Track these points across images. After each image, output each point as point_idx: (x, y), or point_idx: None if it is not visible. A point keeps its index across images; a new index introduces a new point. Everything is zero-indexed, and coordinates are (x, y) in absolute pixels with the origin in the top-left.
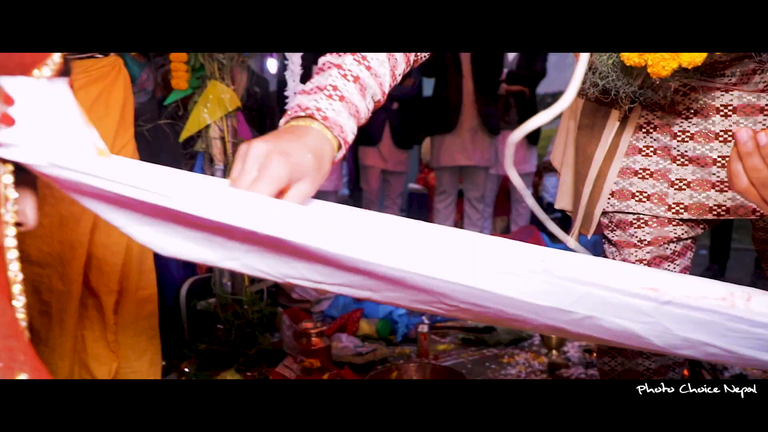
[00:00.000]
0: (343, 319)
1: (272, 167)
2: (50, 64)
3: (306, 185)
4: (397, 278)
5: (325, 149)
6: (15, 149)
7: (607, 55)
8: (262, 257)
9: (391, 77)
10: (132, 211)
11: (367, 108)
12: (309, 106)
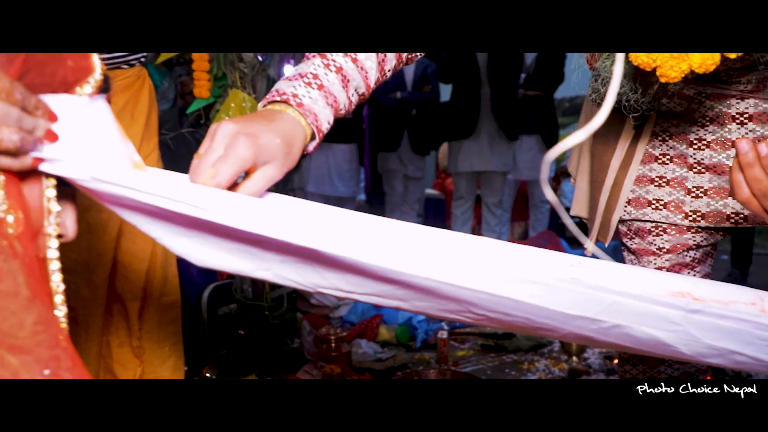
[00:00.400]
0: (363, 325)
1: (238, 147)
2: (91, 81)
3: (272, 169)
4: (427, 287)
5: (296, 135)
6: (59, 164)
7: (611, 60)
8: (295, 267)
9: (379, 72)
10: (169, 223)
11: (349, 99)
12: (286, 91)
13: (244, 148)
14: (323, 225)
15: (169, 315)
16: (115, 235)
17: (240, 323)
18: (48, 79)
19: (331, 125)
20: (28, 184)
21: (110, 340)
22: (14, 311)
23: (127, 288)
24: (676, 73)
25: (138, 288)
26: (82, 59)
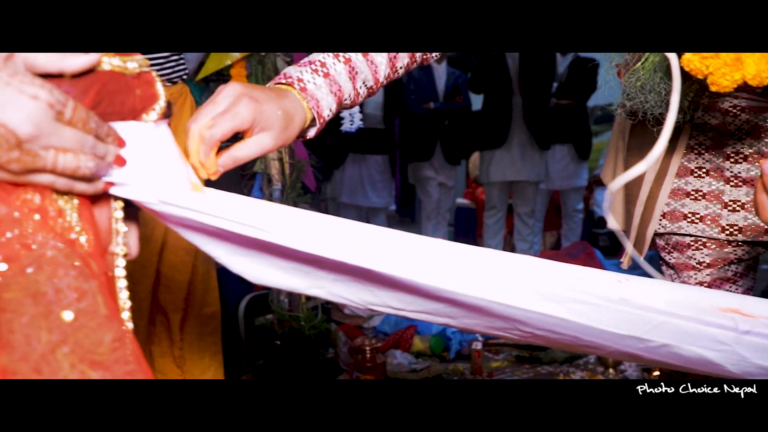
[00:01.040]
0: (397, 335)
1: (240, 106)
2: (157, 108)
3: (267, 138)
4: (477, 306)
5: (297, 114)
6: (128, 188)
7: (651, 67)
8: (348, 286)
9: (390, 68)
10: (228, 243)
11: (356, 91)
12: (292, 75)
13: (245, 109)
14: (378, 246)
15: (209, 326)
16: (158, 249)
17: (276, 333)
18: (118, 107)
19: (334, 113)
20: (98, 207)
21: (152, 350)
22: (94, 329)
23: (170, 299)
24: (728, 83)
25: (180, 299)
26: (148, 87)
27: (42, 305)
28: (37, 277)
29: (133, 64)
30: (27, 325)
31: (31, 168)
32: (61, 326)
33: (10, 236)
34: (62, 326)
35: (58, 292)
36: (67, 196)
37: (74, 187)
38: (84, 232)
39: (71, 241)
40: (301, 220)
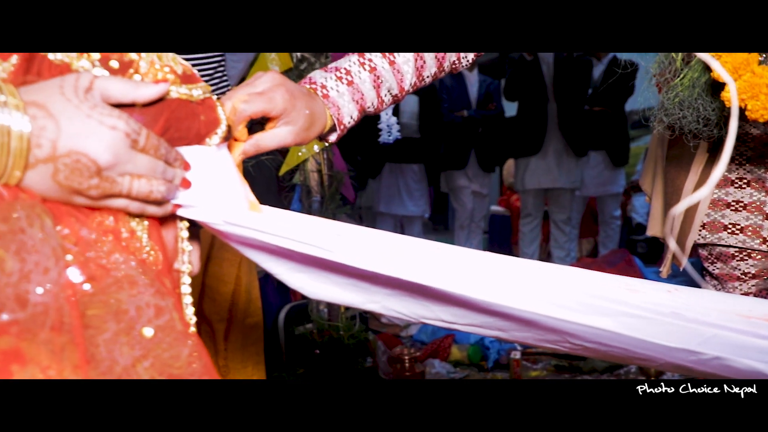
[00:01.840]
0: (435, 344)
1: (276, 92)
2: (219, 132)
3: (289, 132)
4: (528, 320)
5: (320, 118)
6: (194, 210)
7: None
8: (402, 300)
9: (416, 77)
10: (287, 260)
11: (380, 99)
12: (317, 81)
13: (280, 97)
14: (431, 261)
15: (252, 336)
16: (203, 260)
17: (316, 343)
18: (184, 133)
19: (357, 121)
20: (165, 228)
21: None
22: (171, 344)
23: (214, 310)
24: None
25: (224, 310)
26: (211, 113)
27: (123, 322)
28: (118, 296)
29: (198, 91)
30: (109, 340)
31: (108, 193)
32: (142, 341)
33: (89, 256)
34: (143, 341)
35: (139, 310)
36: (139, 218)
37: (146, 209)
38: (153, 252)
39: (144, 261)
40: (356, 237)
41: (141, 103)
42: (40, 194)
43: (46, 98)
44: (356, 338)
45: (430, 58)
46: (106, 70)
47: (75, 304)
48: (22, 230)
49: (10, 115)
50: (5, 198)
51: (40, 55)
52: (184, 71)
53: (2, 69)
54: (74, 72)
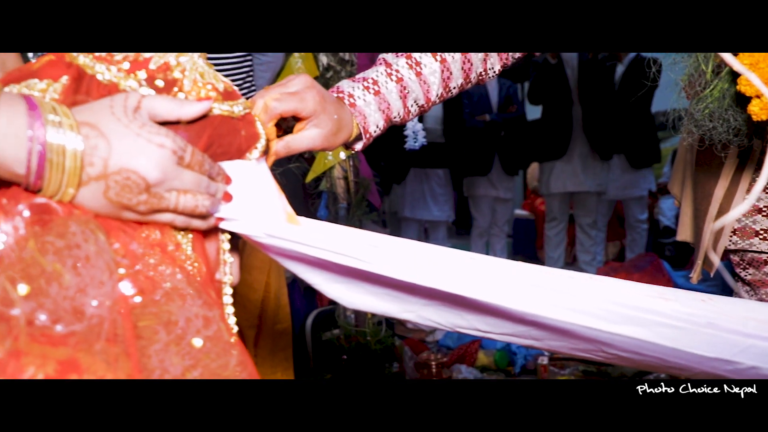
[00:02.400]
0: (462, 350)
1: (308, 94)
2: (259, 147)
3: (317, 135)
4: (562, 329)
5: (347, 125)
6: (236, 223)
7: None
8: (437, 310)
9: (443, 88)
10: (325, 271)
11: (407, 109)
12: (344, 90)
13: (312, 99)
14: (467, 272)
15: (281, 342)
16: None
17: (343, 349)
18: (226, 148)
19: (382, 130)
20: (207, 240)
21: None
22: (219, 354)
23: (244, 317)
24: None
25: (254, 317)
26: (251, 127)
27: (173, 333)
28: (168, 307)
29: (239, 108)
30: (160, 350)
31: (156, 208)
32: (191, 352)
33: (138, 269)
34: (192, 352)
35: (188, 321)
36: (184, 231)
37: (191, 223)
38: (197, 264)
39: (188, 272)
40: (393, 248)
41: (186, 120)
42: (91, 210)
43: (97, 118)
44: (383, 344)
45: (456, 69)
46: (152, 89)
47: (127, 315)
48: (77, 245)
49: (65, 135)
50: (60, 214)
51: (89, 75)
52: (225, 88)
53: (53, 89)
54: (122, 91)
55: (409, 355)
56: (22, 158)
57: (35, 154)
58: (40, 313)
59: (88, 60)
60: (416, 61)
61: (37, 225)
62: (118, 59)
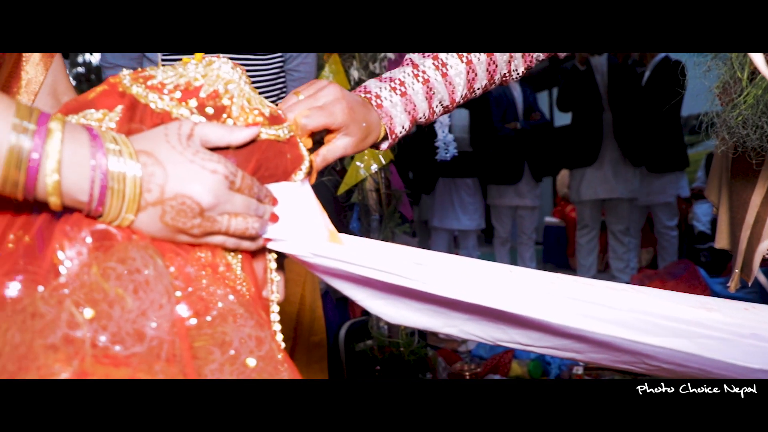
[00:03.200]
0: (495, 360)
1: (336, 107)
2: (303, 168)
3: (347, 142)
4: (604, 341)
5: (375, 128)
6: (283, 243)
7: (736, 112)
8: (479, 324)
9: (467, 89)
10: (369, 288)
11: (432, 110)
12: (371, 90)
13: (341, 112)
14: (509, 286)
15: (316, 354)
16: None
17: (376, 359)
18: (273, 171)
19: (408, 131)
20: (255, 260)
21: None
22: (272, 372)
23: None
24: None
25: (289, 329)
26: (295, 150)
27: (228, 353)
28: (222, 328)
29: (284, 131)
30: (216, 370)
31: (209, 231)
32: (245, 371)
33: (191, 291)
34: (246, 371)
35: (242, 341)
36: (234, 252)
37: (241, 244)
38: (246, 283)
39: (238, 291)
40: (436, 264)
41: (235, 145)
42: (148, 234)
43: (153, 146)
44: (416, 354)
45: (481, 71)
46: (203, 116)
47: (184, 336)
48: (138, 270)
49: (125, 163)
50: (119, 240)
51: (142, 104)
52: (271, 113)
53: (109, 118)
54: (174, 119)
55: (442, 366)
56: (85, 186)
57: (97, 182)
58: (100, 335)
59: (140, 89)
60: (442, 62)
61: (98, 251)
62: (170, 89)
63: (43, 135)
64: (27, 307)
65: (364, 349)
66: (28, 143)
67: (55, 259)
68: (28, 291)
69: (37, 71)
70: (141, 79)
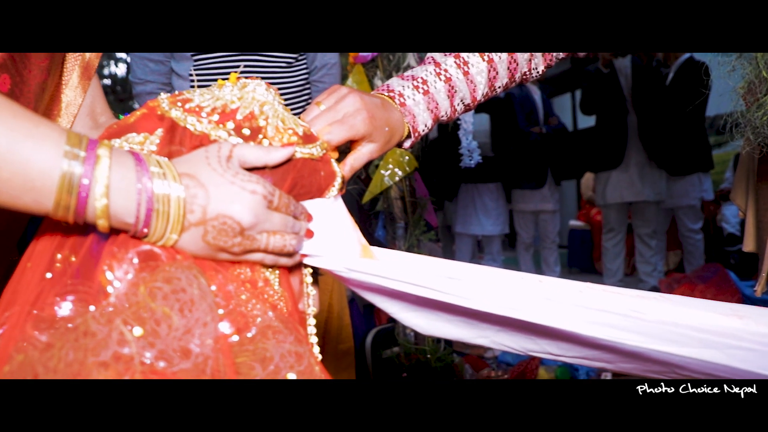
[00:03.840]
0: (522, 366)
1: (357, 119)
2: (336, 185)
3: (372, 148)
4: (635, 352)
5: (398, 129)
6: (319, 259)
7: (762, 112)
8: (511, 335)
9: (488, 87)
10: (402, 301)
11: (453, 108)
12: (394, 89)
13: (362, 123)
14: (540, 298)
15: (344, 361)
16: None
17: (403, 366)
18: (308, 188)
19: (430, 129)
20: (292, 275)
21: None
22: None
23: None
24: None
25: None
26: (328, 167)
27: (269, 368)
28: (263, 344)
29: (317, 149)
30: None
31: (249, 249)
32: None
33: (232, 308)
34: None
35: (282, 357)
36: (272, 268)
37: (279, 261)
38: (284, 298)
39: (276, 307)
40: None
41: (272, 165)
42: (190, 253)
43: (195, 169)
44: (443, 361)
45: (502, 69)
46: (240, 137)
47: (227, 353)
48: (183, 290)
49: (169, 186)
50: (163, 260)
51: (181, 127)
52: (304, 132)
53: (150, 141)
54: (213, 141)
55: (469, 373)
56: (132, 209)
57: (144, 205)
58: (146, 351)
59: (179, 113)
60: (464, 61)
61: (144, 271)
62: (208, 111)
63: (92, 161)
64: (79, 326)
65: (390, 356)
66: (79, 169)
67: (104, 280)
68: (80, 310)
69: (76, 94)
70: (179, 103)
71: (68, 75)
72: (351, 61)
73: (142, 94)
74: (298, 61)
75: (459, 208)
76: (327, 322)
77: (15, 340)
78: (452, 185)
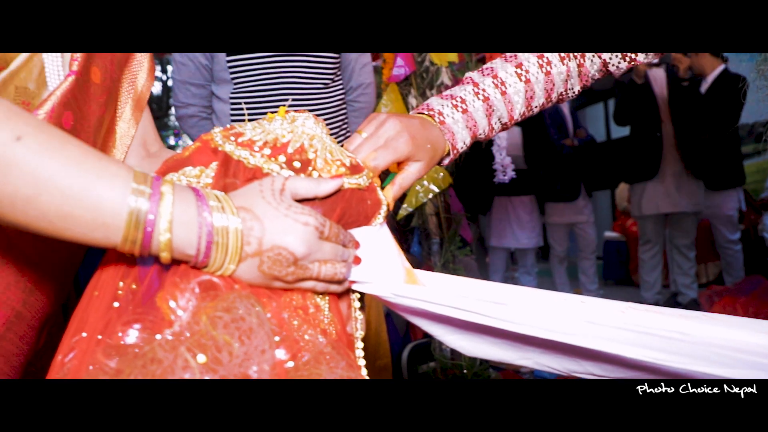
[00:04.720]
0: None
1: (399, 141)
2: (382, 212)
3: (418, 167)
4: (678, 374)
5: (440, 145)
6: (367, 285)
7: None
8: (554, 357)
9: (526, 107)
10: (446, 324)
11: (491, 126)
12: (434, 108)
13: (404, 145)
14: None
15: (382, 377)
16: None
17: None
18: (356, 217)
19: (468, 146)
20: (341, 300)
21: None
22: None
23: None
24: None
25: None
26: (374, 195)
27: None
28: (318, 370)
29: (364, 179)
30: None
31: (301, 278)
32: None
33: (285, 334)
34: None
35: None
36: (323, 294)
37: (329, 288)
38: (333, 323)
39: (326, 332)
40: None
41: (322, 196)
42: (246, 281)
43: (251, 202)
44: (479, 376)
45: (539, 89)
46: (291, 170)
47: (284, 378)
48: (242, 318)
49: (228, 219)
50: (222, 289)
51: (235, 161)
52: (351, 162)
53: (205, 175)
54: (265, 174)
55: None
56: (194, 241)
57: (204, 237)
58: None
59: (233, 147)
60: (501, 81)
61: (205, 300)
62: (260, 145)
63: (157, 197)
64: (147, 353)
65: (427, 371)
66: (145, 205)
67: (166, 308)
68: (146, 338)
69: (129, 126)
70: (232, 137)
71: (122, 108)
72: (385, 81)
73: (184, 116)
74: (335, 82)
75: (493, 221)
76: (365, 338)
77: (86, 365)
78: (486, 199)
